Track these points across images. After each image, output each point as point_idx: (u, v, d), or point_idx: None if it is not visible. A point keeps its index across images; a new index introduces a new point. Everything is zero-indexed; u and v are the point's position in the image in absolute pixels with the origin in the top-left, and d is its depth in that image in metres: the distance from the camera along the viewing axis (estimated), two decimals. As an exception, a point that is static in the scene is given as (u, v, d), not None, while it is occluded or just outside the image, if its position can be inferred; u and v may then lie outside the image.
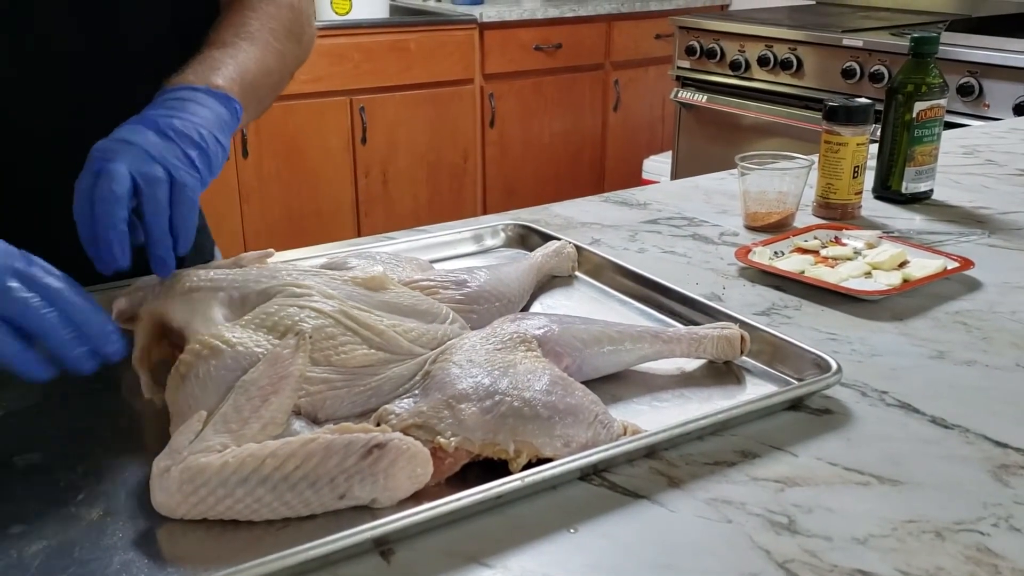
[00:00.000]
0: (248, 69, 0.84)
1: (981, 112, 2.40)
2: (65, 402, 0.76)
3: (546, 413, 0.65)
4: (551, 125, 3.61)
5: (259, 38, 0.89)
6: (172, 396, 0.65)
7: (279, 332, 0.67)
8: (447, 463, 0.63)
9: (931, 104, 1.21)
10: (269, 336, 0.66)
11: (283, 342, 0.65)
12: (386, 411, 0.66)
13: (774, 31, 2.88)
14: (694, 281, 0.99)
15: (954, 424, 0.72)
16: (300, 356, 0.64)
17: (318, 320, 0.68)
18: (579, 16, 3.53)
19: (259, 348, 0.65)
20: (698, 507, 0.61)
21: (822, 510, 0.61)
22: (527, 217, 1.16)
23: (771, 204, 1.15)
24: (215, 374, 0.63)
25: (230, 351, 0.64)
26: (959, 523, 0.60)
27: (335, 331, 0.68)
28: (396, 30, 3.19)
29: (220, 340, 0.65)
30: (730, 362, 0.81)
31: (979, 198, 1.28)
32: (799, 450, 0.68)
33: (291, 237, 3.08)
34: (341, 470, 0.58)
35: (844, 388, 0.76)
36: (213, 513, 0.58)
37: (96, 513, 0.61)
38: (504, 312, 0.85)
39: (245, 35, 0.89)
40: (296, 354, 0.64)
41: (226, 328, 0.66)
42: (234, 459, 0.57)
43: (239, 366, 0.64)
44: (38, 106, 0.90)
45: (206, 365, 0.63)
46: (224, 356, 0.64)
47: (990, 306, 0.93)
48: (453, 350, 0.71)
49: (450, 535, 0.58)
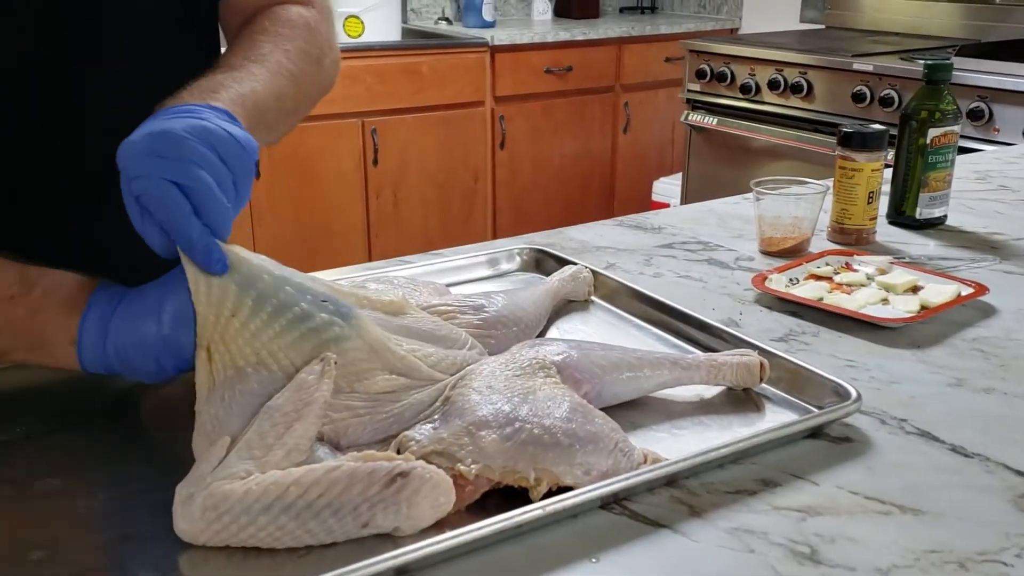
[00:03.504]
0: (254, 91, 0.79)
1: (991, 136, 2.41)
2: (83, 426, 0.76)
3: (566, 441, 0.64)
4: (561, 147, 3.62)
5: (270, 60, 0.85)
6: (200, 405, 0.65)
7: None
8: (467, 490, 0.63)
9: (945, 130, 1.21)
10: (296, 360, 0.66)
11: (308, 367, 0.65)
12: (407, 438, 0.66)
13: (784, 55, 2.89)
14: (710, 306, 0.99)
15: (974, 453, 0.72)
16: (325, 382, 0.64)
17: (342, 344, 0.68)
18: (589, 39, 3.55)
19: (286, 373, 0.65)
20: (720, 537, 0.61)
21: (844, 540, 0.61)
22: (542, 241, 1.17)
23: (786, 229, 1.15)
24: (240, 399, 0.63)
25: (255, 375, 0.64)
26: (982, 553, 0.60)
27: (357, 356, 0.68)
28: (408, 52, 3.21)
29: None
30: (749, 389, 0.80)
31: (993, 224, 1.28)
32: (820, 479, 0.68)
33: (302, 257, 3.08)
34: (364, 498, 0.58)
35: (863, 416, 0.76)
36: (236, 540, 0.58)
37: (117, 539, 0.61)
38: (521, 337, 0.85)
39: (255, 57, 0.84)
40: (321, 380, 0.64)
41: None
42: (257, 486, 0.58)
43: (265, 391, 0.64)
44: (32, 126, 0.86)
45: (231, 389, 0.63)
46: (250, 380, 0.64)
47: (1007, 333, 0.93)
48: (472, 376, 0.71)
49: (471, 564, 0.58)
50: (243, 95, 0.77)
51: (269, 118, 0.82)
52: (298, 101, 0.90)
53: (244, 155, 0.68)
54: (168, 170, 0.64)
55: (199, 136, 0.65)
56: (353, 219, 3.23)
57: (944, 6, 3.19)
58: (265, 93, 0.81)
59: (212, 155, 0.66)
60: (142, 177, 0.64)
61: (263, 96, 0.81)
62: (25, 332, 0.69)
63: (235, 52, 0.86)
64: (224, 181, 0.66)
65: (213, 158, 0.66)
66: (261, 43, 0.87)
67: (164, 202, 0.64)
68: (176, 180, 0.64)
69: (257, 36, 0.89)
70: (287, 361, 0.66)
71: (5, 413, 0.78)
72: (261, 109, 0.80)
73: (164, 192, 0.64)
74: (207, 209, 0.65)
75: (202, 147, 0.65)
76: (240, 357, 0.65)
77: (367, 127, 3.16)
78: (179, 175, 0.64)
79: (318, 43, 0.93)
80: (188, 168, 0.64)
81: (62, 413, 0.79)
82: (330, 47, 0.96)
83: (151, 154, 0.64)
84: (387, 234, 3.30)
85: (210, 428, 0.63)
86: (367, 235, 3.27)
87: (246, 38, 0.89)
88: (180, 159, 0.64)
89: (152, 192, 0.64)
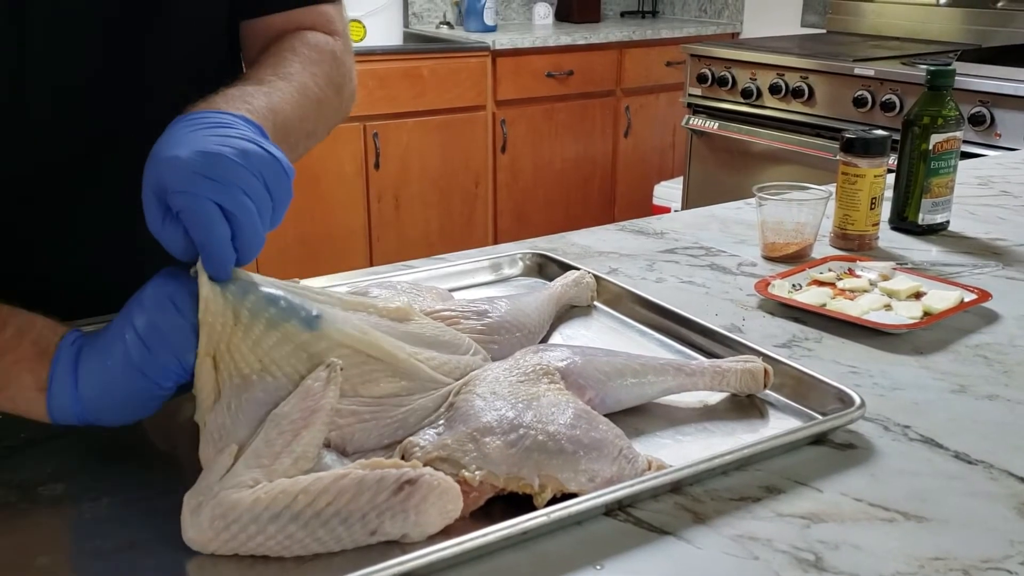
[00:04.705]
0: (282, 110, 0.78)
1: (993, 142, 2.41)
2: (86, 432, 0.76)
3: (571, 448, 0.65)
4: (562, 151, 3.63)
5: (296, 80, 0.84)
6: (205, 415, 0.65)
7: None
8: (472, 497, 0.63)
9: (947, 136, 1.21)
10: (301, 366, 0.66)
11: (314, 374, 0.65)
12: (411, 443, 0.66)
13: (785, 59, 2.89)
14: (713, 312, 0.99)
15: (978, 460, 0.72)
16: (331, 389, 0.64)
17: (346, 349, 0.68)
18: (591, 43, 3.55)
19: (291, 380, 0.65)
20: (724, 543, 0.61)
21: (848, 547, 0.61)
22: (544, 246, 1.17)
23: (789, 235, 1.15)
24: (246, 407, 0.63)
25: (260, 382, 0.64)
26: (986, 560, 0.60)
27: (359, 359, 0.68)
28: (409, 57, 3.21)
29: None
30: (753, 395, 0.81)
31: (995, 229, 1.28)
32: (824, 485, 0.68)
33: (303, 261, 3.09)
34: (373, 506, 0.58)
35: (867, 422, 0.76)
36: (244, 549, 0.58)
37: (122, 546, 0.61)
38: (524, 342, 0.85)
39: (283, 75, 0.83)
40: (327, 387, 0.64)
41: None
42: (266, 495, 0.58)
43: (271, 399, 0.64)
44: (60, 141, 0.87)
45: (238, 398, 0.63)
46: (255, 388, 0.64)
47: (1010, 339, 0.93)
48: (477, 381, 0.71)
49: (475, 571, 0.58)
50: (273, 110, 0.76)
51: (291, 138, 0.81)
52: (317, 125, 0.89)
53: (286, 182, 0.67)
54: (216, 193, 0.63)
55: (248, 162, 0.65)
56: (354, 223, 3.23)
57: (945, 11, 3.20)
58: (291, 112, 0.80)
59: (259, 183, 0.65)
60: (187, 194, 0.63)
61: (289, 115, 0.80)
62: None
63: (263, 66, 0.85)
64: (264, 209, 0.66)
65: (259, 186, 0.65)
66: (290, 61, 0.86)
67: (206, 223, 0.63)
68: (221, 204, 0.63)
69: (286, 54, 0.88)
70: (290, 368, 0.66)
71: (8, 418, 0.77)
72: (287, 129, 0.79)
73: (208, 213, 0.63)
74: (244, 236, 0.65)
75: (252, 175, 0.64)
76: (245, 365, 0.65)
77: (368, 131, 3.16)
78: (226, 200, 0.63)
79: (341, 72, 0.93)
80: (235, 194, 0.63)
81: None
82: (350, 78, 0.96)
83: (200, 173, 0.63)
84: (388, 238, 3.30)
85: (217, 437, 0.63)
86: (368, 239, 3.27)
87: (274, 55, 0.88)
88: (229, 185, 0.63)
89: (196, 210, 0.63)
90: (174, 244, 0.65)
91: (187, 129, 0.66)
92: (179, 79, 0.90)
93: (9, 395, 0.66)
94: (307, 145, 0.88)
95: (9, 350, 0.65)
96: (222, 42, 0.95)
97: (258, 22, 0.94)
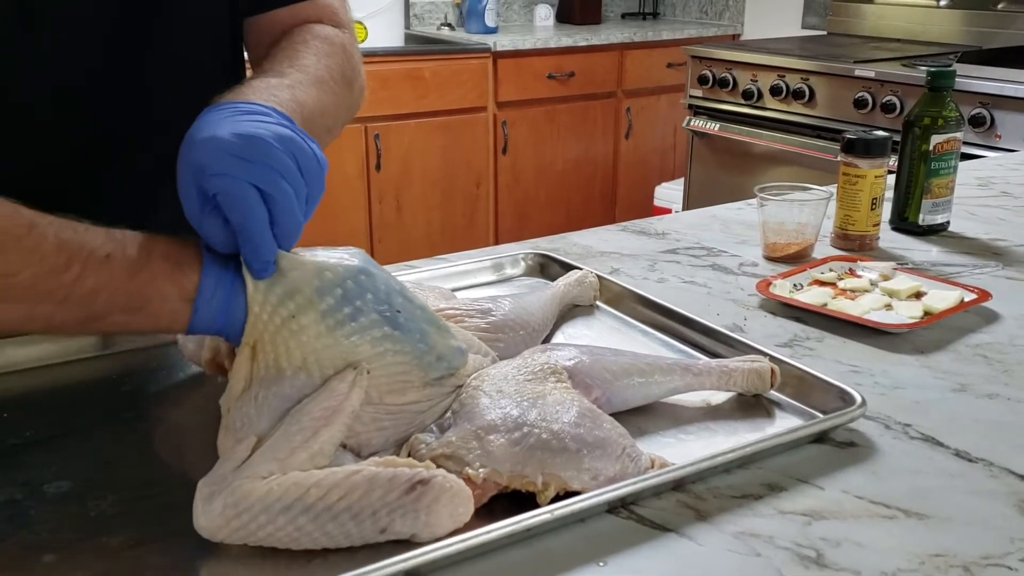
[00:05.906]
0: (305, 103, 0.77)
1: (993, 143, 2.41)
2: (92, 430, 0.76)
3: (574, 446, 0.65)
4: (563, 152, 3.63)
5: (313, 73, 0.83)
6: (231, 402, 0.65)
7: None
8: (475, 494, 0.63)
9: (947, 137, 1.22)
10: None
11: (340, 375, 0.65)
12: (417, 440, 0.67)
13: (786, 61, 2.90)
14: (715, 312, 0.99)
15: (978, 458, 0.72)
16: (356, 392, 0.64)
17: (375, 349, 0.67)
18: (592, 45, 3.56)
19: (319, 379, 0.65)
20: (726, 541, 0.62)
21: (850, 544, 0.61)
22: (546, 246, 1.17)
23: (790, 235, 1.15)
24: (273, 401, 0.63)
25: (293, 378, 0.64)
26: (986, 557, 0.60)
27: (399, 369, 0.67)
28: (411, 58, 3.22)
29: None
30: (756, 395, 0.81)
31: (995, 230, 1.28)
32: (825, 483, 0.68)
33: (304, 262, 3.09)
34: (383, 504, 0.58)
35: (868, 421, 0.77)
36: (254, 539, 0.58)
37: (128, 543, 0.61)
38: (529, 341, 0.86)
39: (300, 68, 0.82)
40: (352, 389, 0.64)
41: None
42: (278, 487, 0.58)
43: (297, 396, 0.64)
44: (63, 140, 0.87)
45: (267, 390, 0.63)
46: (286, 383, 0.64)
47: (1010, 339, 0.94)
48: (483, 379, 0.72)
49: (479, 568, 0.59)
50: (299, 103, 0.76)
51: (314, 134, 0.79)
52: (335, 119, 0.88)
53: (320, 172, 0.67)
54: (254, 175, 0.62)
55: (285, 145, 0.64)
56: (356, 224, 3.24)
57: (946, 13, 3.20)
58: (313, 106, 0.79)
59: (295, 167, 0.64)
60: (226, 176, 0.62)
61: (311, 109, 0.79)
62: (125, 292, 0.64)
63: (278, 59, 0.84)
64: (301, 194, 0.65)
65: (295, 170, 0.64)
66: (304, 54, 0.85)
67: (244, 205, 0.62)
68: (260, 186, 0.62)
69: (299, 47, 0.86)
70: (332, 371, 0.65)
71: (15, 416, 0.78)
72: (310, 123, 0.77)
73: (246, 195, 0.62)
74: (283, 220, 0.64)
75: (288, 158, 0.64)
76: (285, 359, 0.64)
77: (370, 132, 3.17)
78: (264, 182, 0.62)
79: (352, 66, 0.92)
80: (273, 177, 0.63)
81: (71, 416, 0.79)
82: (359, 72, 0.95)
83: (237, 155, 0.62)
84: (389, 239, 3.31)
85: (239, 426, 0.63)
86: (370, 240, 3.28)
87: (286, 49, 0.86)
88: (267, 167, 0.62)
89: (234, 193, 0.62)
90: (214, 234, 0.64)
91: (221, 115, 0.66)
92: (180, 79, 0.90)
93: (150, 312, 0.64)
94: (326, 141, 0.85)
95: (141, 268, 0.64)
96: (224, 41, 0.95)
97: (263, 18, 0.94)
